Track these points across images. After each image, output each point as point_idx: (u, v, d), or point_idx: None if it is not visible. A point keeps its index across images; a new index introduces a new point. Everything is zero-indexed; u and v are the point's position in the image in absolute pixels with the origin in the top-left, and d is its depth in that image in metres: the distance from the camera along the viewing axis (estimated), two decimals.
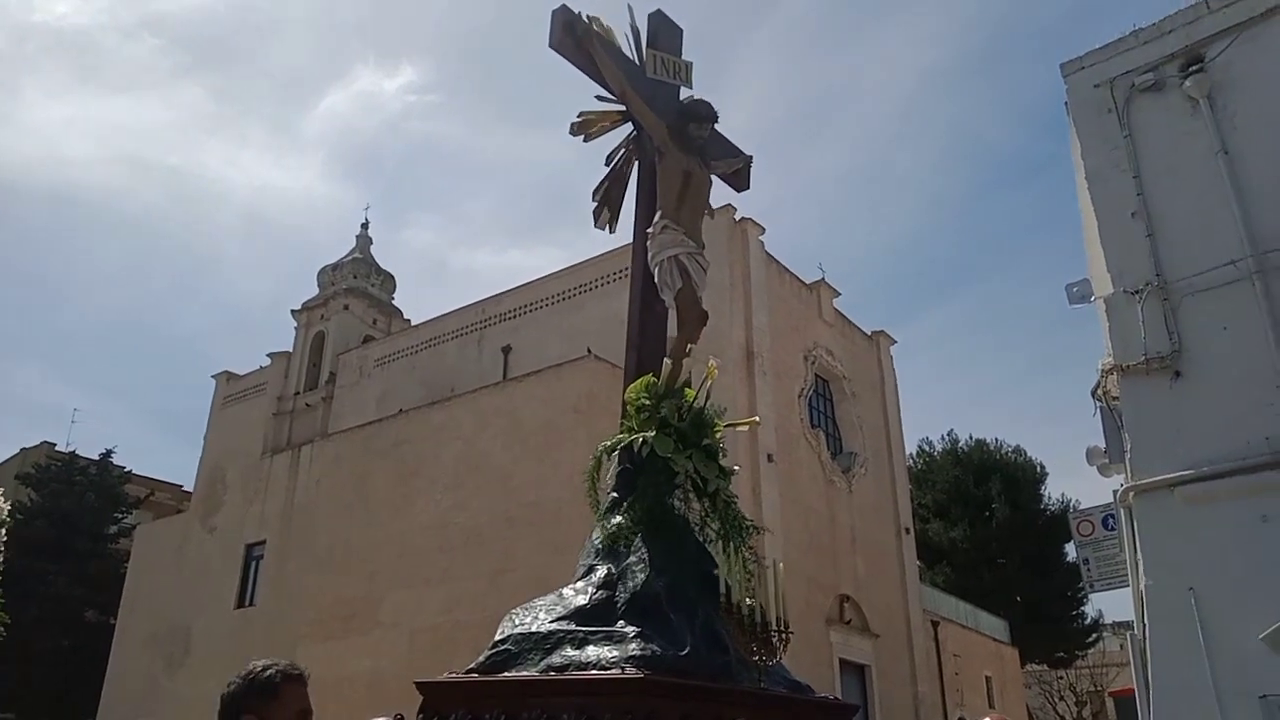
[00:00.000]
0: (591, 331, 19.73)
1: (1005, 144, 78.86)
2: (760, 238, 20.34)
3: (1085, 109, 11.61)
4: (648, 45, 6.36)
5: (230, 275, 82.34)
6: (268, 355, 28.14)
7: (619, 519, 4.81)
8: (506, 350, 22.26)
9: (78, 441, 52.57)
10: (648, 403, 5.16)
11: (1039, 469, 35.54)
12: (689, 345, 5.65)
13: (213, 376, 29.29)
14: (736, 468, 5.35)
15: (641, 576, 4.46)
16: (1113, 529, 13.55)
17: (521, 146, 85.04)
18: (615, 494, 5.07)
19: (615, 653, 4.01)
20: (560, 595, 4.63)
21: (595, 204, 6.65)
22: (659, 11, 6.53)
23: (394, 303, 29.80)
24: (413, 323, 27.72)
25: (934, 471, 36.23)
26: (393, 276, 30.24)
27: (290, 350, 28.17)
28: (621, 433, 5.28)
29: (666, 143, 5.77)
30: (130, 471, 33.65)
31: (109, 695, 25.28)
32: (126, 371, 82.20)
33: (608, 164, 6.58)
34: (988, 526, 33.58)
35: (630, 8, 6.34)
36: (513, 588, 16.83)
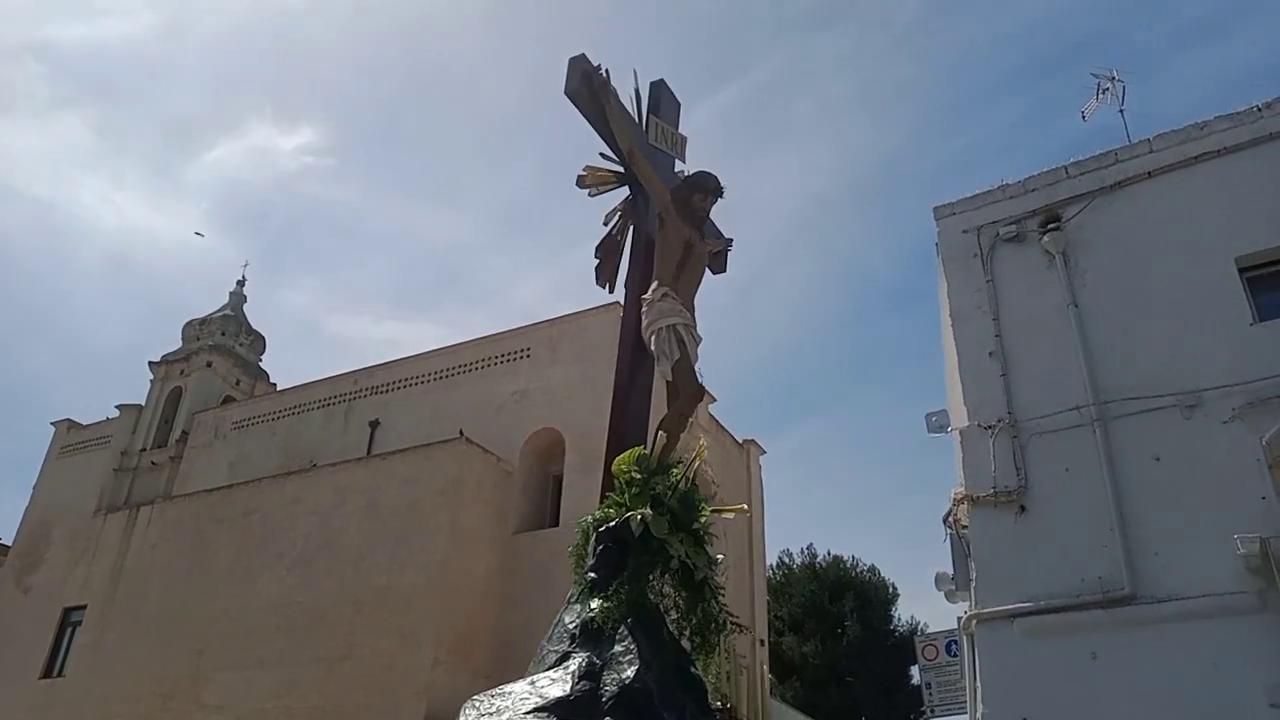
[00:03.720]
0: (465, 414, 19.42)
1: (882, 273, 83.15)
2: None
3: (954, 251, 12.41)
4: (649, 112, 6.37)
5: (86, 318, 77.92)
6: (117, 407, 26.51)
7: (602, 603, 4.36)
8: (374, 425, 21.60)
9: None
10: (638, 477, 4.78)
11: (891, 589, 36.38)
12: (687, 420, 5.33)
13: (52, 423, 27.37)
14: (721, 556, 5.02)
15: (630, 669, 4.04)
16: (955, 655, 13.97)
17: (414, 220, 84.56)
18: (594, 574, 4.60)
19: None
20: (532, 683, 4.15)
21: (597, 261, 6.45)
22: (661, 80, 6.58)
23: (261, 365, 28.72)
24: (278, 387, 26.71)
25: (791, 584, 36.65)
26: (263, 337, 29.20)
27: (142, 404, 26.67)
28: (608, 507, 4.86)
29: (669, 210, 5.65)
30: None
31: None
32: None
33: (605, 224, 6.49)
34: (839, 643, 34.00)
35: (635, 72, 6.33)
36: (353, 676, 16.02)
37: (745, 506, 5.46)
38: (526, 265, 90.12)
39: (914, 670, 30.31)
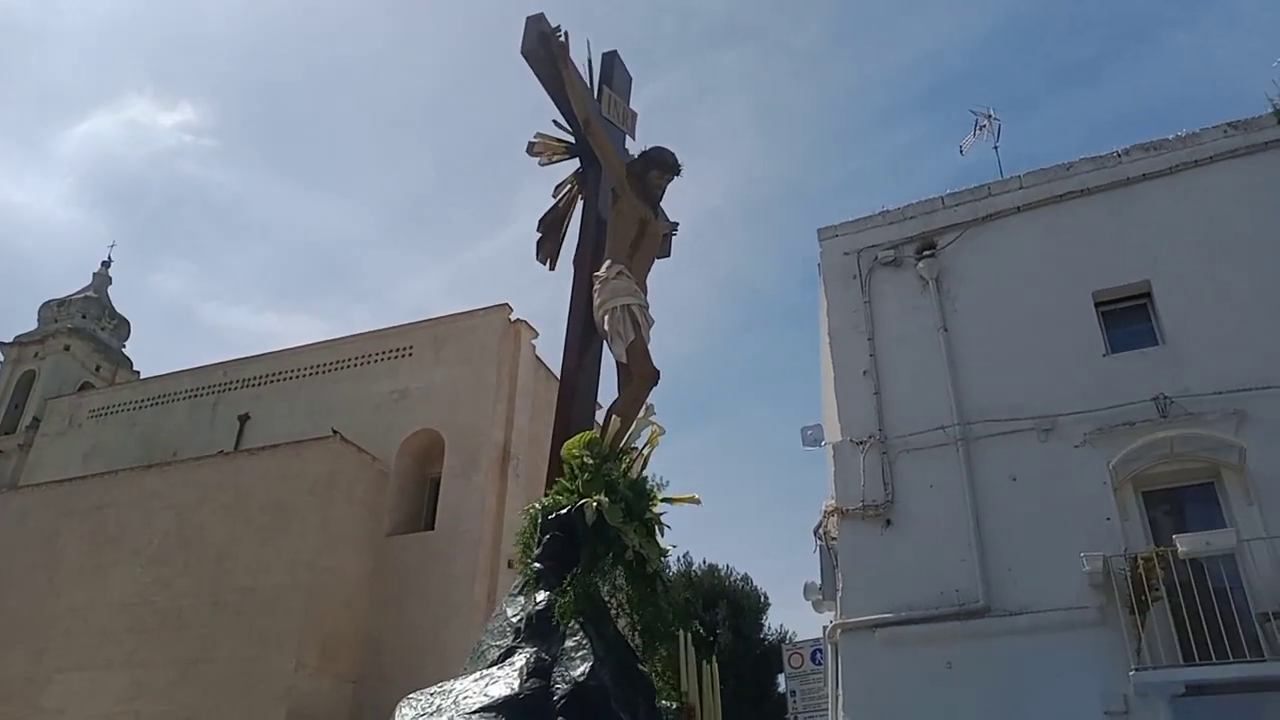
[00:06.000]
0: (341, 412, 18.86)
1: (769, 289, 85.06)
2: (533, 341, 20.50)
3: (835, 272, 12.81)
4: (601, 83, 6.08)
5: None
6: None
7: (558, 596, 4.09)
8: (244, 419, 20.75)
9: None
10: (590, 462, 4.50)
11: (763, 598, 37.10)
12: (641, 403, 5.00)
13: None
14: (674, 546, 4.76)
15: (583, 666, 3.78)
16: (820, 663, 14.36)
17: (301, 209, 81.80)
18: (540, 565, 4.32)
19: None
20: (475, 680, 3.87)
21: (539, 235, 6.07)
22: (614, 52, 6.30)
23: (124, 351, 27.31)
24: (141, 375, 25.44)
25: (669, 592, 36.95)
26: (128, 322, 27.79)
27: None
28: (558, 493, 4.56)
29: (623, 185, 5.38)
30: None
31: None
32: None
33: (554, 196, 6.12)
34: (711, 652, 34.38)
35: (588, 42, 6.01)
36: (208, 680, 15.32)
37: (697, 496, 5.01)
38: (416, 262, 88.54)
39: (781, 678, 31.00)
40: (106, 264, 28.34)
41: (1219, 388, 10.18)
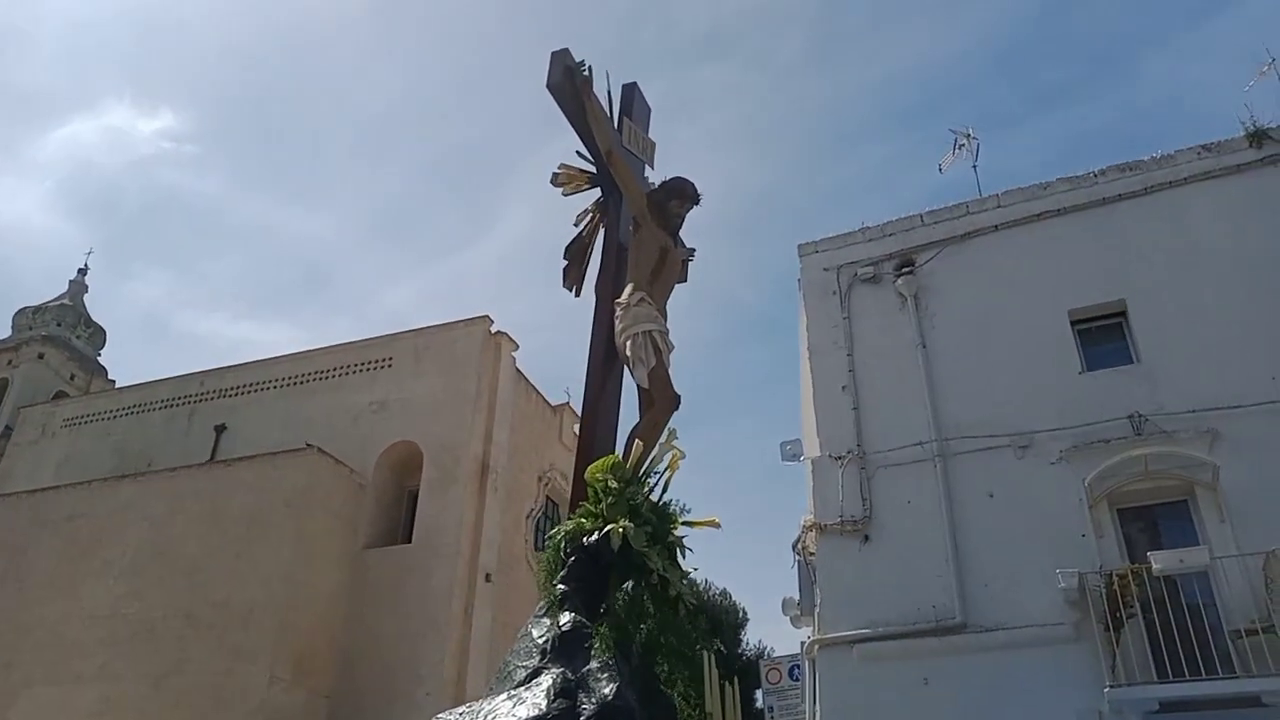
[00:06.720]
0: (318, 422, 18.75)
1: (750, 303, 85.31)
2: (513, 353, 20.47)
3: (814, 288, 12.87)
4: (621, 113, 6.22)
5: None
6: None
7: (574, 616, 4.22)
8: (220, 429, 20.58)
9: None
10: (614, 486, 4.58)
11: (742, 614, 37.04)
12: (662, 427, 5.08)
13: None
14: (695, 569, 4.79)
15: (609, 686, 3.86)
16: (798, 679, 14.33)
17: (279, 217, 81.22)
18: (564, 587, 4.42)
19: None
20: (505, 699, 3.96)
21: (565, 263, 6.22)
22: (634, 84, 6.44)
23: (99, 359, 27.07)
24: (117, 384, 25.19)
25: None
26: (103, 330, 27.57)
27: None
28: (581, 517, 4.63)
29: (644, 214, 5.56)
30: None
31: None
32: None
33: (576, 225, 6.28)
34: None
35: (608, 74, 6.17)
36: (181, 694, 15.14)
37: (717, 520, 5.00)
38: (395, 272, 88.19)
39: (759, 694, 30.92)
40: (83, 271, 28.18)
41: (1193, 406, 10.28)
